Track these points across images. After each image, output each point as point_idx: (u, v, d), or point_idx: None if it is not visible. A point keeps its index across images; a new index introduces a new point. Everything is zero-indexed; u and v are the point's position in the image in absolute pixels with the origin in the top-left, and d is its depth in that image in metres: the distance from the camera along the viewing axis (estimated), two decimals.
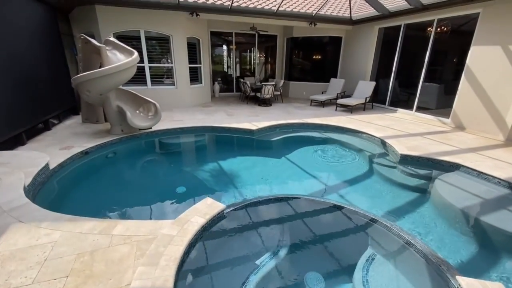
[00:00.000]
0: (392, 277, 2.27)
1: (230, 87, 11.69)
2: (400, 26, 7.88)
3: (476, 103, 5.99)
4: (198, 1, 7.31)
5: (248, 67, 12.22)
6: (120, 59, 4.88)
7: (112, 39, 5.26)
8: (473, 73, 6.02)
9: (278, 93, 9.60)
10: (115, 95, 5.06)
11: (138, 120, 5.09)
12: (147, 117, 5.32)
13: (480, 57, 5.87)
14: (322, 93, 9.74)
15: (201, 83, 9.16)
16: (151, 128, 5.31)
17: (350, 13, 8.97)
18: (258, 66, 12.04)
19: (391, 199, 3.58)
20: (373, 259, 2.32)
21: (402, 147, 4.71)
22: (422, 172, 4.25)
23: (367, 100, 8.29)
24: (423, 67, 7.28)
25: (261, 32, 10.07)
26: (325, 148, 5.48)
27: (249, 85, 9.08)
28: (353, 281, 2.11)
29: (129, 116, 4.74)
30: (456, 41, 6.75)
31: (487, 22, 5.69)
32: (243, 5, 7.79)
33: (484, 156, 4.40)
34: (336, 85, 9.51)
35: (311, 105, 9.27)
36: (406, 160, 4.45)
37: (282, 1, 7.79)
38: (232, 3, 7.27)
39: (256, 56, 11.74)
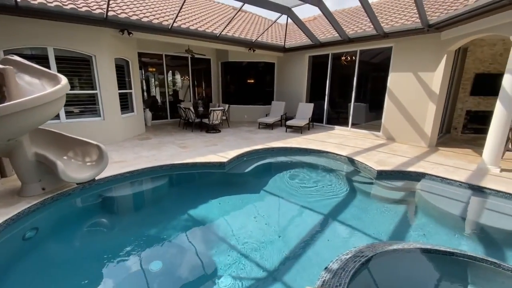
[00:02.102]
0: None
1: (163, 114, 10.35)
2: (328, 54, 8.98)
3: (400, 118, 7.29)
4: (131, 17, 6.15)
5: (181, 91, 11.21)
6: (35, 86, 3.36)
7: (15, 57, 3.62)
8: (394, 94, 7.35)
9: (224, 118, 9.10)
10: (30, 138, 3.40)
11: (74, 170, 3.56)
12: (85, 165, 3.80)
13: (397, 81, 7.24)
14: (266, 115, 9.87)
15: (133, 111, 7.65)
16: (94, 179, 3.81)
17: (284, 42, 9.63)
18: (191, 90, 11.21)
19: (388, 214, 3.68)
20: None
21: (373, 163, 5.08)
22: (399, 184, 4.66)
23: (310, 120, 8.89)
24: (353, 89, 8.44)
25: (196, 56, 9.48)
26: (299, 173, 5.35)
27: (192, 111, 8.21)
28: None
29: (62, 167, 3.23)
30: (378, 68, 8.17)
31: (399, 54, 7.13)
32: (183, 26, 7.10)
33: (430, 163, 5.24)
34: (278, 107, 9.85)
35: (259, 128, 9.19)
36: (381, 175, 4.79)
37: (226, 26, 7.54)
38: (173, 22, 6.48)
39: (189, 80, 10.92)
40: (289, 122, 8.50)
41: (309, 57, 9.73)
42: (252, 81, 11.02)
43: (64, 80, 3.35)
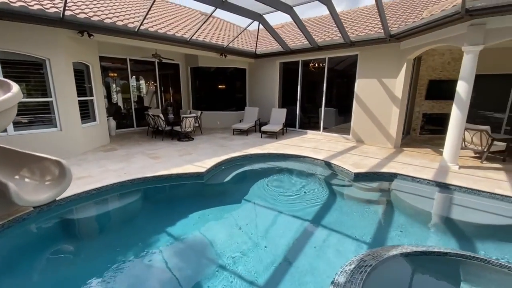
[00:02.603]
0: None
1: (129, 122, 9.64)
2: (298, 61, 9.24)
3: (367, 121, 7.73)
4: (92, 18, 5.62)
5: (146, 97, 10.57)
6: None
7: None
8: (361, 99, 7.79)
9: (197, 124, 8.77)
10: None
11: (30, 192, 3.04)
12: (43, 184, 3.29)
13: (364, 87, 7.68)
14: (240, 121, 9.76)
15: (96, 120, 6.97)
16: (55, 200, 3.31)
17: (256, 48, 9.67)
18: (158, 96, 10.65)
19: (368, 215, 3.82)
20: None
21: (349, 166, 5.27)
22: (374, 185, 4.88)
23: (284, 126, 9.00)
24: (323, 94, 8.77)
25: (164, 60, 9.05)
26: (280, 179, 5.32)
27: (162, 118, 7.76)
28: None
29: (14, 189, 2.73)
30: (346, 74, 8.59)
31: (364, 62, 7.59)
32: (151, 29, 6.70)
33: (399, 163, 5.60)
34: (251, 113, 9.81)
35: (233, 134, 9.04)
36: (358, 177, 4.98)
37: (197, 30, 7.31)
38: (140, 25, 6.07)
39: (156, 86, 10.35)
40: (264, 128, 8.50)
41: (280, 64, 9.90)
42: (224, 86, 10.86)
43: (15, 87, 2.88)
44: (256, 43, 9.41)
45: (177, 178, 4.78)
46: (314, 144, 7.50)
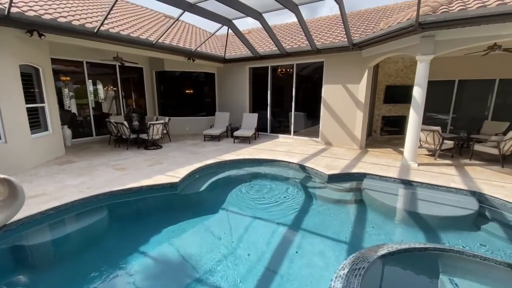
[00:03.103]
0: None
1: (86, 130, 8.79)
2: (267, 67, 9.39)
3: (335, 124, 8.14)
4: (43, 16, 5.01)
5: (104, 103, 9.76)
6: None
7: None
8: (328, 103, 8.18)
9: (165, 131, 8.34)
10: None
11: None
12: None
13: (330, 92, 8.08)
14: (211, 127, 9.54)
15: (48, 130, 6.21)
16: (4, 225, 2.81)
17: (225, 53, 9.59)
18: (121, 102, 9.92)
19: (344, 215, 4.00)
20: None
21: (323, 168, 5.45)
22: (347, 185, 5.11)
23: (256, 130, 9.03)
24: (292, 99, 9.02)
25: (126, 64, 8.47)
26: (257, 185, 5.29)
27: (127, 125, 7.22)
28: None
29: None
30: (314, 80, 8.93)
31: (330, 68, 8.00)
32: (112, 30, 6.22)
33: (367, 163, 5.97)
34: (222, 118, 9.66)
35: (205, 140, 8.79)
36: (332, 179, 5.18)
37: (163, 33, 6.98)
38: (100, 25, 5.59)
39: (117, 91, 9.63)
40: (236, 133, 8.42)
41: (250, 69, 9.96)
42: (192, 91, 10.54)
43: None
44: (225, 48, 9.35)
45: (148, 191, 4.46)
46: (286, 148, 7.65)
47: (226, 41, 8.94)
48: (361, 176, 5.24)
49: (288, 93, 9.18)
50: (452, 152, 6.63)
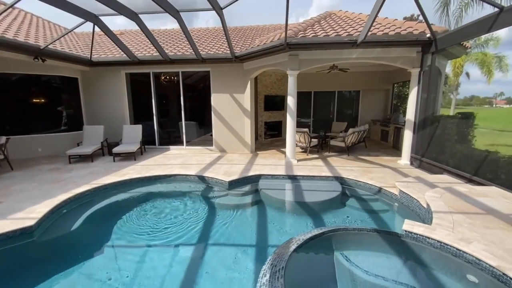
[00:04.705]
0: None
1: None
2: (149, 73, 8.53)
3: (227, 132, 8.43)
4: None
5: None
6: None
7: None
8: (218, 112, 8.38)
9: (2, 157, 5.89)
10: None
11: None
12: None
13: (219, 101, 8.31)
14: (78, 144, 7.58)
15: None
16: None
17: (91, 54, 7.88)
18: None
19: (248, 218, 4.21)
20: None
21: (222, 176, 5.47)
22: (247, 188, 5.35)
23: (141, 144, 7.97)
24: (182, 108, 8.62)
25: None
26: (153, 207, 4.63)
27: None
28: None
29: None
30: (203, 88, 8.83)
31: (216, 78, 8.22)
32: None
33: (259, 165, 6.52)
34: (94, 133, 7.89)
35: (70, 162, 6.86)
36: (232, 185, 5.29)
37: None
38: None
39: None
40: (116, 149, 7.10)
41: (127, 74, 8.72)
42: (43, 100, 8.02)
43: None
44: (91, 48, 7.73)
45: None
46: (181, 159, 7.18)
47: (92, 40, 7.40)
48: (256, 178, 5.64)
49: (176, 102, 8.71)
50: (317, 148, 8.35)
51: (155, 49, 7.50)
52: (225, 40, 8.05)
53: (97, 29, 6.42)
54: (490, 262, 2.27)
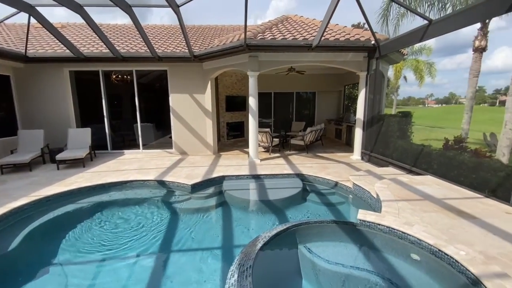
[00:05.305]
0: None
1: None
2: (98, 71, 7.81)
3: (187, 133, 8.17)
4: None
5: None
6: None
7: None
8: (178, 113, 8.07)
9: None
10: None
11: None
12: None
13: (178, 101, 8.01)
14: (12, 152, 6.56)
15: None
16: None
17: (26, 49, 6.88)
18: None
19: (213, 220, 4.18)
20: None
21: (184, 180, 5.29)
22: (211, 190, 5.25)
23: (91, 149, 7.25)
24: (137, 109, 8.08)
25: None
26: (105, 218, 4.26)
27: None
28: None
29: None
30: (160, 88, 8.36)
31: (175, 77, 7.91)
32: None
33: (223, 166, 6.46)
34: (32, 138, 6.92)
35: (3, 173, 5.91)
36: (195, 188, 5.15)
37: None
38: None
39: None
40: (60, 156, 6.34)
41: (71, 72, 7.84)
42: None
43: None
44: (26, 42, 6.76)
45: None
46: (138, 164, 6.73)
47: (27, 33, 6.47)
48: (220, 179, 5.58)
49: (130, 103, 8.13)
50: (279, 147, 8.61)
51: (104, 46, 6.89)
52: (183, 39, 7.81)
53: (33, 20, 5.66)
54: (428, 241, 2.62)
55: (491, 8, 3.67)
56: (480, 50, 9.61)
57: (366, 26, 6.05)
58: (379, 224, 3.02)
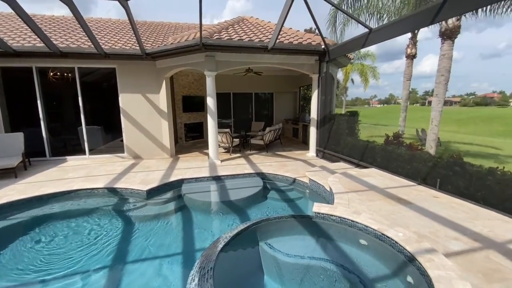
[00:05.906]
0: None
1: None
2: (31, 68, 6.83)
3: (140, 136, 7.67)
4: None
5: None
6: None
7: None
8: (129, 114, 7.52)
9: None
10: None
11: None
12: None
13: (129, 102, 7.47)
14: None
15: None
16: None
17: None
18: None
19: (173, 225, 4.04)
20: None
21: (138, 186, 4.96)
22: (168, 195, 5.03)
23: (24, 156, 6.31)
24: (81, 111, 7.29)
25: None
26: (45, 234, 3.78)
27: None
28: None
29: None
30: (108, 88, 7.62)
31: (125, 76, 7.34)
32: None
33: (181, 169, 6.23)
34: None
35: None
36: (151, 193, 4.86)
37: None
38: None
39: None
40: None
41: None
42: None
43: None
44: None
45: None
46: (84, 171, 6.09)
47: None
48: (179, 183, 5.38)
49: (73, 103, 7.30)
50: (239, 147, 8.65)
51: (39, 39, 6.06)
52: (133, 34, 7.31)
53: None
54: (373, 227, 2.93)
55: (419, 20, 4.24)
56: (411, 57, 11.04)
57: (317, 31, 6.46)
58: (332, 215, 3.27)
